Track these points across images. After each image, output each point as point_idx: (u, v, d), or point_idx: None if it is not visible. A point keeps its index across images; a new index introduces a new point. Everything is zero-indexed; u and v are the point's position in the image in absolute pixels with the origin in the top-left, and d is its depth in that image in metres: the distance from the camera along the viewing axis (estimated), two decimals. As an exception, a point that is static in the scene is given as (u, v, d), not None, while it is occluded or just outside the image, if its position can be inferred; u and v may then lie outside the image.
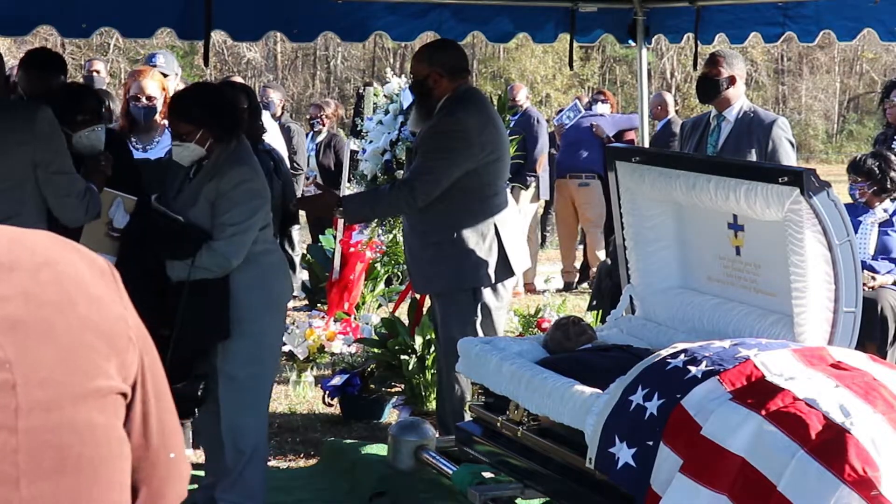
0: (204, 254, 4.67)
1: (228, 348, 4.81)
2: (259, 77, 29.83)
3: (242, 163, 4.79)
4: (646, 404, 3.78)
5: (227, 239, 4.70)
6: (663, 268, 5.12)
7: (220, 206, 4.71)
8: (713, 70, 6.29)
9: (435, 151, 5.38)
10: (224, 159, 4.77)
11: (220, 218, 4.71)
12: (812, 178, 4.15)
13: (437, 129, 5.43)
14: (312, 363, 7.42)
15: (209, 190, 4.74)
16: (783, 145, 6.22)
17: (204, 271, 4.70)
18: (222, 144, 4.78)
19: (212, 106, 4.82)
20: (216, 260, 4.70)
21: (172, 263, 4.70)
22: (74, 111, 5.01)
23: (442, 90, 5.45)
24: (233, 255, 4.72)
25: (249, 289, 4.79)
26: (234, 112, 4.95)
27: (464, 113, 5.41)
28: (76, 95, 5.10)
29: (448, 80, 5.44)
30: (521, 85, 13.09)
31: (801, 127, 32.43)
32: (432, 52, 5.58)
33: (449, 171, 5.35)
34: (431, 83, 5.45)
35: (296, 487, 5.66)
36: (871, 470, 3.30)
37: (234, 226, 4.71)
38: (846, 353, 3.97)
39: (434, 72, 5.44)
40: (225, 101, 4.96)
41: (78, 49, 25.80)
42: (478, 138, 5.40)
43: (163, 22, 6.43)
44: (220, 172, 4.74)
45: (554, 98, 30.83)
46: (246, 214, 4.73)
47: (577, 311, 7.79)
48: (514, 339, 5.28)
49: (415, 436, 5.34)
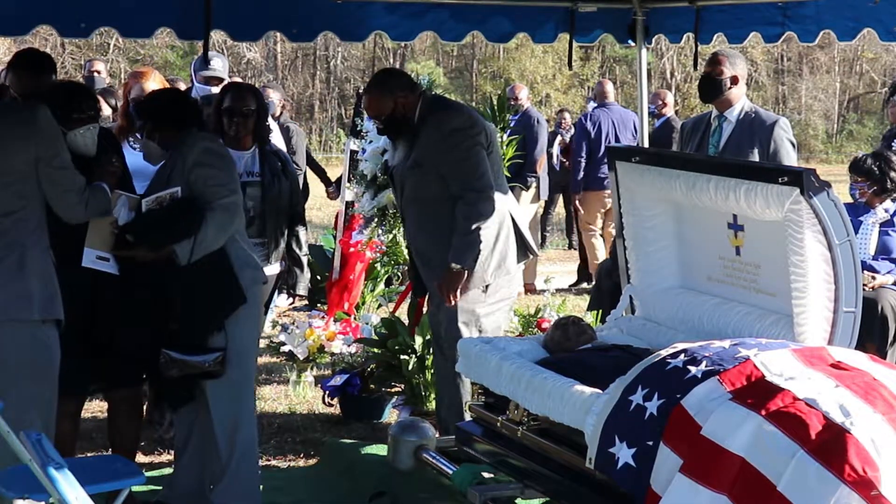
0: (208, 218, 4.75)
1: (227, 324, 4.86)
2: (259, 77, 29.85)
3: (199, 137, 4.97)
4: (646, 404, 3.78)
5: (223, 198, 4.81)
6: (663, 268, 5.12)
7: (199, 176, 4.83)
8: (716, 70, 6.28)
9: (460, 154, 5.45)
10: (183, 141, 4.93)
11: (206, 184, 4.82)
12: (812, 178, 4.15)
13: (446, 130, 5.48)
14: (312, 363, 7.42)
15: (178, 171, 4.86)
16: (784, 146, 6.21)
17: (209, 239, 4.76)
18: (175, 135, 4.95)
19: (154, 103, 5.09)
20: (219, 218, 4.78)
21: (182, 247, 4.74)
22: (70, 109, 5.03)
23: (411, 106, 5.55)
24: (233, 211, 4.85)
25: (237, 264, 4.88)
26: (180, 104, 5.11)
27: (449, 109, 5.58)
28: (73, 94, 5.12)
29: (412, 95, 5.56)
30: (521, 85, 13.08)
31: (801, 127, 32.45)
32: (383, 84, 5.62)
33: (480, 157, 5.48)
34: (401, 108, 5.54)
35: (296, 487, 5.66)
36: (871, 470, 3.30)
37: (225, 185, 4.84)
38: (846, 353, 3.97)
39: (398, 98, 5.53)
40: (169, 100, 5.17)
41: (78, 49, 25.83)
42: (478, 122, 5.57)
43: (162, 22, 6.43)
44: (181, 150, 4.90)
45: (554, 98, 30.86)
46: (227, 173, 4.91)
47: (577, 311, 7.78)
48: (514, 339, 5.28)
49: (415, 436, 5.34)
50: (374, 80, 5.83)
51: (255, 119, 5.65)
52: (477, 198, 5.44)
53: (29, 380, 4.55)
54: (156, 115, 5.01)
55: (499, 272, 5.56)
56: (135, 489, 4.32)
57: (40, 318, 4.57)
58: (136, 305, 5.00)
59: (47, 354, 4.61)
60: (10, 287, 4.51)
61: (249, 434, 5.03)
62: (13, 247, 4.53)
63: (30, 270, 4.53)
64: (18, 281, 4.51)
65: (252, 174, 5.68)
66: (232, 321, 4.87)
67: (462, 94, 31.32)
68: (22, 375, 4.53)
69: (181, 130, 4.96)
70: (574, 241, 14.28)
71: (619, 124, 11.48)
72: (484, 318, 5.57)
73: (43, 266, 4.59)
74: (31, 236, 4.57)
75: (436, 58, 34.04)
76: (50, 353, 4.62)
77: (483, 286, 5.53)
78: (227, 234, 4.83)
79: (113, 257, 4.92)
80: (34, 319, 4.55)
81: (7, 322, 4.52)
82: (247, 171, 5.66)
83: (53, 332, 4.63)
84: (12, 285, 4.51)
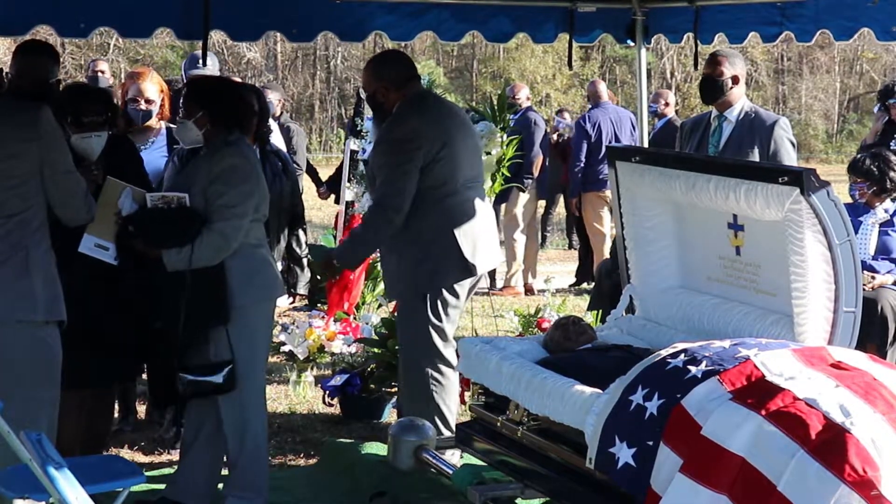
0: (203, 236, 4.74)
1: (223, 339, 4.85)
2: (259, 77, 29.85)
3: (236, 151, 4.89)
4: (646, 404, 3.78)
5: (224, 220, 4.78)
6: (663, 268, 5.12)
7: (215, 191, 4.80)
8: (716, 70, 6.28)
9: (387, 165, 5.44)
10: (219, 147, 4.88)
11: (215, 203, 4.79)
12: (812, 178, 4.15)
13: (381, 140, 5.52)
14: (312, 363, 7.42)
15: (202, 177, 4.82)
16: (785, 146, 6.22)
17: (202, 258, 4.76)
18: (221, 133, 4.89)
19: (220, 94, 5.00)
20: (215, 241, 4.77)
21: (170, 254, 4.74)
22: (80, 112, 5.02)
23: (391, 102, 5.52)
24: (231, 237, 4.81)
25: (241, 280, 4.86)
26: (241, 107, 5.06)
27: (408, 116, 5.46)
28: (85, 96, 5.11)
29: (395, 92, 5.50)
30: (522, 85, 13.07)
31: (801, 127, 32.45)
32: (376, 66, 5.62)
33: (407, 176, 5.38)
34: (380, 97, 5.53)
35: (296, 487, 5.66)
36: (871, 470, 3.30)
37: (231, 208, 4.79)
38: (846, 353, 3.97)
39: (381, 86, 5.51)
40: (236, 96, 5.10)
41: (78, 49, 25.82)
42: (423, 135, 5.41)
43: (162, 22, 6.43)
44: (212, 157, 4.86)
45: (554, 98, 30.86)
46: (240, 198, 4.82)
47: (577, 311, 7.78)
48: (514, 339, 5.29)
49: (415, 436, 5.32)
50: (376, 57, 5.88)
51: (256, 120, 5.65)
52: (381, 213, 5.42)
53: (32, 380, 4.55)
54: (213, 107, 4.92)
55: (434, 283, 5.49)
56: (135, 489, 4.31)
57: (44, 320, 4.57)
58: (122, 304, 5.01)
59: (50, 355, 4.62)
60: (13, 288, 4.51)
61: (259, 431, 5.06)
62: (17, 248, 4.53)
63: (33, 272, 4.53)
64: (22, 282, 4.51)
65: None
66: (249, 316, 4.87)
67: (462, 94, 31.33)
68: (25, 376, 4.53)
69: (230, 133, 4.92)
70: (574, 242, 14.28)
71: (616, 123, 11.47)
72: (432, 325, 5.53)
73: (46, 267, 4.59)
74: (33, 237, 4.57)
75: (436, 58, 34.05)
76: (52, 353, 4.62)
77: (420, 295, 5.51)
78: (220, 256, 4.80)
79: (113, 247, 4.92)
80: (38, 321, 4.56)
81: (11, 323, 4.53)
82: None
83: (56, 333, 4.63)
84: (16, 286, 4.51)
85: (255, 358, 5.01)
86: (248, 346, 4.91)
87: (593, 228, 11.60)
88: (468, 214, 5.53)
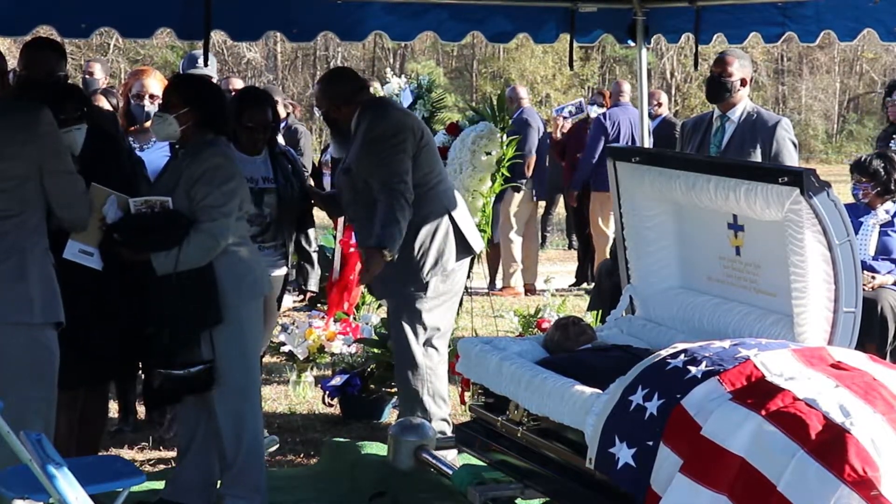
0: (191, 237, 4.75)
1: (214, 338, 4.85)
2: (259, 77, 29.84)
3: (217, 151, 4.92)
4: (646, 404, 3.78)
5: (212, 220, 4.80)
6: (663, 268, 5.12)
7: (198, 192, 4.81)
8: (725, 71, 6.28)
9: (379, 159, 5.50)
10: (200, 147, 4.90)
11: (199, 203, 4.81)
12: (812, 178, 4.15)
13: (363, 143, 5.55)
14: (312, 363, 7.42)
15: (185, 179, 4.84)
16: (787, 146, 6.22)
17: (191, 259, 4.76)
18: (201, 131, 4.92)
19: (209, 95, 5.02)
20: (204, 241, 4.78)
21: (158, 257, 4.74)
22: (57, 109, 5.02)
23: (344, 116, 5.68)
24: (220, 235, 4.82)
25: (231, 279, 4.87)
26: (222, 107, 5.08)
27: (380, 114, 5.61)
28: (62, 93, 5.12)
29: (346, 106, 5.67)
30: (521, 85, 13.08)
31: (801, 127, 32.42)
32: (324, 86, 5.82)
33: (403, 162, 5.51)
34: (333, 114, 5.71)
35: (296, 487, 5.66)
36: (871, 470, 3.30)
37: (216, 208, 4.81)
38: (846, 353, 3.97)
39: (332, 105, 5.70)
40: (218, 96, 5.12)
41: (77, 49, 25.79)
42: (405, 126, 5.59)
43: (162, 22, 6.43)
44: (194, 158, 4.87)
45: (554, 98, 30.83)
46: (225, 197, 4.84)
47: (577, 311, 7.78)
48: (514, 339, 5.29)
49: (415, 436, 5.33)
50: (323, 77, 6.08)
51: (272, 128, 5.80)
52: (395, 195, 5.45)
53: (29, 381, 4.54)
54: (201, 106, 4.93)
55: (435, 270, 5.64)
56: (134, 489, 4.31)
57: (41, 322, 4.57)
58: (109, 305, 5.00)
59: (47, 356, 4.61)
60: (11, 290, 4.50)
61: (255, 430, 5.07)
62: (14, 250, 4.52)
63: (30, 273, 4.53)
64: (19, 284, 4.51)
65: (267, 180, 5.77)
66: (240, 313, 4.89)
67: (462, 94, 31.31)
68: (22, 377, 4.52)
69: (211, 132, 4.94)
70: (574, 242, 14.26)
71: (634, 125, 11.45)
72: (426, 314, 5.66)
73: (43, 269, 4.58)
74: (30, 239, 4.56)
75: (436, 58, 34.02)
76: (49, 354, 4.61)
77: (422, 283, 5.62)
78: (210, 256, 4.81)
79: (98, 253, 4.90)
80: (34, 322, 4.55)
81: (8, 325, 4.52)
82: (262, 178, 5.75)
83: (53, 334, 4.62)
84: (13, 288, 4.51)
85: (248, 356, 5.02)
86: (239, 345, 4.92)
87: (598, 228, 11.57)
88: (456, 199, 5.81)
